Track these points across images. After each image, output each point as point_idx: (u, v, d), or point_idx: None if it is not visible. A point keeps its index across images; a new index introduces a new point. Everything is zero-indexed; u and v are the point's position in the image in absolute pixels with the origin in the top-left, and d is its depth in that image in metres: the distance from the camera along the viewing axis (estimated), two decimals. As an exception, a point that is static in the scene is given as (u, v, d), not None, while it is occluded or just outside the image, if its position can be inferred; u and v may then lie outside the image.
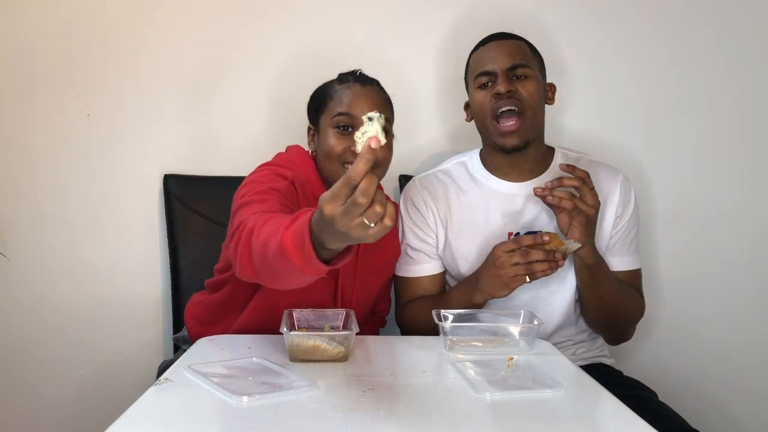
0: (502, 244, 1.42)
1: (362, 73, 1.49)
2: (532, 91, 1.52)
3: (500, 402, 1.06)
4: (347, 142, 1.40)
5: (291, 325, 1.30)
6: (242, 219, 1.19)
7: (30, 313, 1.91)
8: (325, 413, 1.01)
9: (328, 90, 1.47)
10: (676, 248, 2.00)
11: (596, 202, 1.41)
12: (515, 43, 1.56)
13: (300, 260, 0.97)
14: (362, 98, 1.42)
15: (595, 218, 1.43)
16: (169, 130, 1.90)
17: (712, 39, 1.97)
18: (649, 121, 1.98)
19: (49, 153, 1.88)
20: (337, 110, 1.42)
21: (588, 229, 1.42)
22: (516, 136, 1.51)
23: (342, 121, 1.41)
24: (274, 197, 1.29)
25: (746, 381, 2.03)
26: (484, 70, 1.54)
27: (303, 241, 0.95)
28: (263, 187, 1.32)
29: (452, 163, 1.68)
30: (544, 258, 1.38)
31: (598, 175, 1.58)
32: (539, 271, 1.38)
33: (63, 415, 1.93)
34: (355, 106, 1.41)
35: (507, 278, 1.39)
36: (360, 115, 1.35)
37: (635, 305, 1.62)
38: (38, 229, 1.89)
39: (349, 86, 1.45)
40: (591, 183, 1.41)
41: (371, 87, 1.47)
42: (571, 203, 1.38)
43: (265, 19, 1.90)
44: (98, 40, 1.87)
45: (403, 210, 1.65)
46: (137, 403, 1.01)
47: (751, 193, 2.01)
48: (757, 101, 1.99)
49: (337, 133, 1.42)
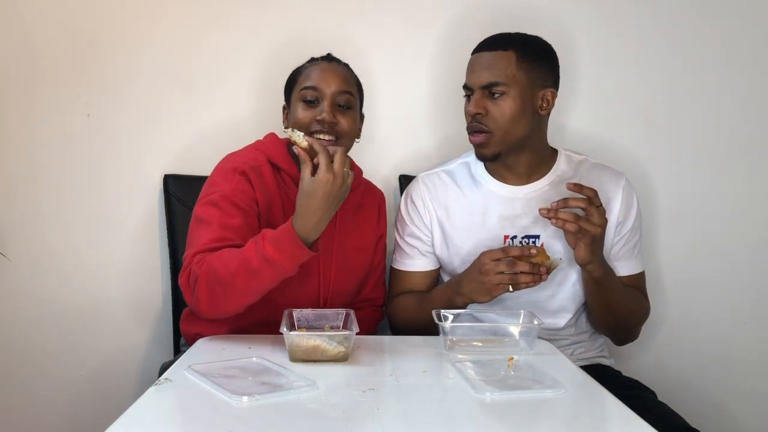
0: (490, 252, 1.42)
1: (332, 54, 1.58)
2: (505, 110, 1.49)
3: (500, 402, 1.06)
4: (313, 113, 1.48)
5: (291, 325, 1.30)
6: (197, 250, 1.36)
7: (30, 312, 1.91)
8: (325, 413, 1.01)
9: (299, 69, 1.56)
10: (677, 249, 2.00)
11: (603, 220, 1.39)
12: (498, 55, 1.51)
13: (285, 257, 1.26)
14: (327, 72, 1.51)
15: (602, 236, 1.41)
16: (169, 130, 1.90)
17: (715, 41, 1.97)
18: (652, 123, 1.98)
19: (49, 153, 1.88)
20: (303, 84, 1.51)
21: (594, 248, 1.41)
22: (484, 148, 1.53)
23: (308, 94, 1.49)
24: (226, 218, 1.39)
25: (747, 381, 2.03)
26: (465, 82, 1.56)
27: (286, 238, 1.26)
28: (219, 203, 1.40)
29: (456, 163, 1.68)
30: (529, 270, 1.38)
31: (601, 179, 1.58)
32: (523, 282, 1.39)
33: (63, 416, 1.93)
34: (320, 80, 1.50)
35: (490, 285, 1.40)
36: (325, 88, 1.48)
37: (641, 309, 1.63)
38: (38, 229, 1.89)
39: (317, 63, 1.54)
40: (598, 200, 1.39)
41: (337, 64, 1.55)
42: (575, 226, 1.36)
43: (266, 21, 1.90)
44: (98, 41, 1.87)
45: (403, 205, 1.67)
46: (137, 403, 1.01)
47: (752, 195, 2.01)
48: (760, 103, 1.99)
49: (303, 105, 1.50)
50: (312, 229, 1.28)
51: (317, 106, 1.48)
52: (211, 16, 1.89)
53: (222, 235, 1.36)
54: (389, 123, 1.94)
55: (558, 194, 1.55)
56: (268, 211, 1.46)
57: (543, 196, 1.57)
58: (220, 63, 1.90)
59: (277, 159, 1.52)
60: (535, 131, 1.56)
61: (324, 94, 1.48)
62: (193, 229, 1.42)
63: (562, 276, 1.57)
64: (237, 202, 1.41)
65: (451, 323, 1.36)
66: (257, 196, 1.45)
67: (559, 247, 1.55)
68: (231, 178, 1.45)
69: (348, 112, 1.51)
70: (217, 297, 1.31)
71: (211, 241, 1.35)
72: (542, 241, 1.56)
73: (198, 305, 1.35)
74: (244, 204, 1.41)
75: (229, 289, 1.29)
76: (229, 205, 1.40)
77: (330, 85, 1.48)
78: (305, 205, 1.27)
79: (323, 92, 1.48)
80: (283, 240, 1.27)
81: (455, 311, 1.40)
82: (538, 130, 1.58)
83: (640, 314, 1.63)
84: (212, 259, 1.31)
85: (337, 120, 1.48)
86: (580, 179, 1.56)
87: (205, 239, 1.36)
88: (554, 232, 1.54)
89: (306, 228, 1.27)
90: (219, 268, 1.29)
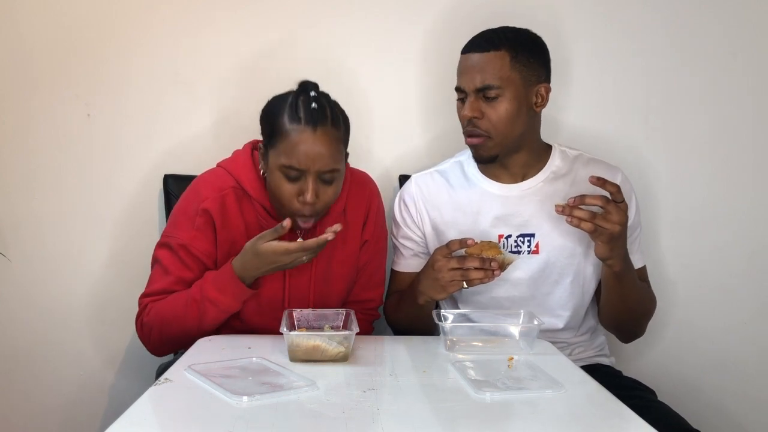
0: (440, 248, 1.40)
1: (315, 107, 1.38)
2: (501, 113, 1.47)
3: (500, 402, 1.07)
4: (295, 189, 1.39)
5: (291, 325, 1.31)
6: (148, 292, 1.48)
7: (29, 312, 1.90)
8: (325, 413, 1.01)
9: (280, 122, 1.39)
10: (677, 249, 2.00)
11: (623, 218, 1.34)
12: (490, 56, 1.47)
13: (228, 297, 1.38)
14: (313, 149, 1.36)
15: (623, 233, 1.36)
16: (169, 130, 1.90)
17: (714, 37, 1.96)
18: (651, 121, 1.98)
19: (49, 153, 1.88)
20: (285, 161, 1.38)
21: (614, 245, 1.37)
22: (482, 150, 1.51)
23: (290, 173, 1.39)
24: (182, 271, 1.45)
25: (746, 382, 2.03)
26: (457, 85, 1.52)
27: (226, 280, 1.37)
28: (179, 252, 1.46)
29: (449, 162, 1.67)
30: (480, 266, 1.35)
31: (597, 174, 1.55)
32: (474, 278, 1.36)
33: (62, 416, 1.93)
34: (304, 159, 1.36)
35: (444, 282, 1.37)
36: (310, 167, 1.36)
37: (651, 302, 1.63)
38: (38, 229, 1.89)
39: (300, 130, 1.37)
40: (620, 196, 1.34)
41: (322, 130, 1.38)
42: (591, 226, 1.33)
43: (264, 21, 1.90)
44: (98, 41, 1.87)
45: (396, 207, 1.67)
46: (137, 403, 1.01)
47: (752, 194, 2.00)
48: (759, 101, 1.99)
49: (285, 179, 1.40)
50: (250, 276, 1.40)
51: (299, 180, 1.39)
52: (211, 16, 1.89)
53: (175, 289, 1.46)
54: (389, 123, 1.94)
55: (553, 191, 1.55)
56: (230, 247, 1.47)
57: (537, 193, 1.57)
58: (220, 63, 1.90)
59: (246, 184, 1.49)
60: (531, 128, 1.55)
61: (308, 172, 1.37)
62: (153, 264, 1.51)
63: (557, 274, 1.56)
64: (194, 251, 1.46)
65: (451, 323, 1.36)
66: (218, 238, 1.47)
67: (557, 244, 1.54)
68: (192, 222, 1.46)
69: (331, 186, 1.42)
70: (171, 339, 1.45)
71: (163, 290, 1.46)
72: (537, 239, 1.55)
73: (154, 350, 1.51)
74: (200, 253, 1.46)
75: (179, 331, 1.42)
76: (186, 254, 1.46)
77: (315, 163, 1.36)
78: (250, 258, 1.37)
79: (308, 171, 1.37)
80: (223, 282, 1.37)
81: (455, 311, 1.40)
82: (534, 127, 1.56)
83: (651, 308, 1.63)
84: (160, 307, 1.44)
85: (320, 197, 1.40)
86: (576, 175, 1.55)
87: (158, 286, 1.47)
88: (551, 230, 1.53)
89: (245, 273, 1.39)
90: (167, 315, 1.42)
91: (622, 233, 1.36)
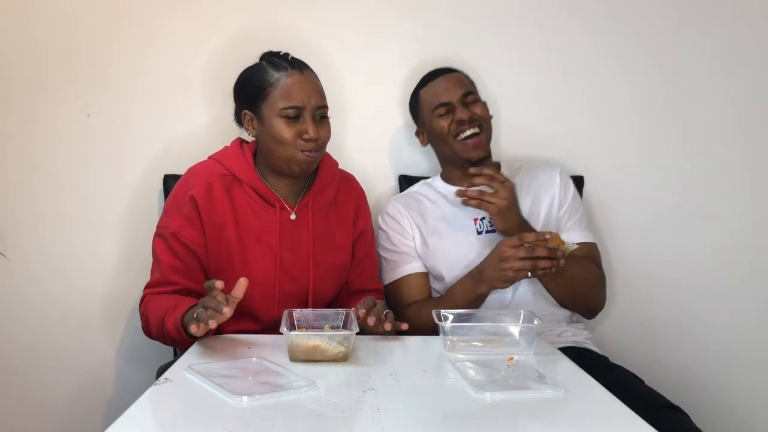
0: (508, 240, 1.50)
1: (292, 56, 1.55)
2: (484, 111, 1.74)
3: (500, 402, 1.07)
4: (297, 130, 1.49)
5: (291, 325, 1.31)
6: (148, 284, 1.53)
7: (30, 313, 1.90)
8: (325, 413, 1.01)
9: (266, 77, 1.51)
10: (675, 248, 2.01)
11: (508, 193, 1.57)
12: (459, 75, 1.76)
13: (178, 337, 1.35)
14: (305, 86, 1.50)
15: (510, 206, 1.58)
16: (169, 130, 1.90)
17: (708, 40, 1.98)
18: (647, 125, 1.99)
19: (49, 153, 1.88)
20: (284, 104, 1.48)
21: (506, 217, 1.58)
22: (481, 148, 1.70)
23: (291, 113, 1.48)
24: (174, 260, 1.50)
25: (747, 378, 2.03)
26: (441, 102, 1.72)
27: (174, 329, 1.34)
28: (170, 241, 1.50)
29: (419, 185, 1.83)
30: (548, 255, 1.45)
31: (538, 175, 1.77)
32: (542, 267, 1.46)
33: (63, 416, 1.93)
34: (301, 97, 1.48)
35: (512, 272, 1.48)
36: (306, 104, 1.48)
37: (591, 273, 1.70)
38: (38, 229, 1.89)
39: (290, 74, 1.50)
40: (501, 177, 1.59)
41: (309, 72, 1.53)
42: (477, 201, 1.58)
43: (264, 22, 1.90)
44: (98, 41, 1.87)
45: (383, 224, 1.78)
46: (137, 403, 1.01)
47: (750, 194, 2.01)
48: (753, 103, 2.00)
49: (286, 121, 1.49)
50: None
51: (298, 121, 1.49)
52: (211, 16, 1.90)
53: (168, 278, 1.50)
54: (388, 122, 1.94)
55: None
56: (218, 233, 1.52)
57: None
58: (220, 63, 1.90)
59: (236, 168, 1.55)
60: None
61: (305, 110, 1.49)
62: (152, 255, 1.56)
63: None
64: (183, 239, 1.51)
65: (451, 323, 1.36)
66: (204, 224, 1.51)
67: None
68: (181, 210, 1.51)
69: (325, 122, 1.54)
70: (153, 336, 1.49)
71: (158, 282, 1.51)
72: None
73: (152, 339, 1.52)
74: (189, 241, 1.51)
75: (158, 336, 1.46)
76: (176, 242, 1.51)
77: (310, 100, 1.49)
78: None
79: (305, 108, 1.49)
80: (173, 329, 1.35)
81: (455, 311, 1.40)
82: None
83: (592, 279, 1.70)
84: (149, 305, 1.49)
85: (319, 133, 1.50)
86: (522, 179, 1.75)
87: (154, 276, 1.53)
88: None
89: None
90: (150, 317, 1.46)
91: (508, 207, 1.58)
